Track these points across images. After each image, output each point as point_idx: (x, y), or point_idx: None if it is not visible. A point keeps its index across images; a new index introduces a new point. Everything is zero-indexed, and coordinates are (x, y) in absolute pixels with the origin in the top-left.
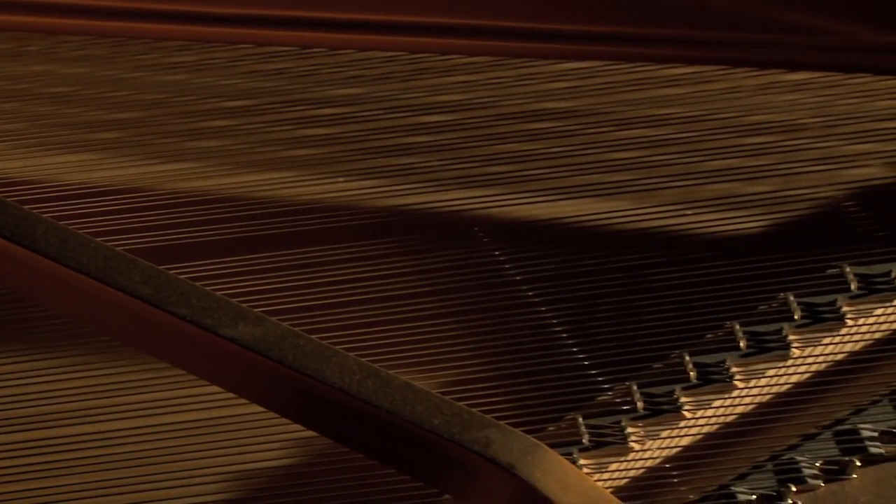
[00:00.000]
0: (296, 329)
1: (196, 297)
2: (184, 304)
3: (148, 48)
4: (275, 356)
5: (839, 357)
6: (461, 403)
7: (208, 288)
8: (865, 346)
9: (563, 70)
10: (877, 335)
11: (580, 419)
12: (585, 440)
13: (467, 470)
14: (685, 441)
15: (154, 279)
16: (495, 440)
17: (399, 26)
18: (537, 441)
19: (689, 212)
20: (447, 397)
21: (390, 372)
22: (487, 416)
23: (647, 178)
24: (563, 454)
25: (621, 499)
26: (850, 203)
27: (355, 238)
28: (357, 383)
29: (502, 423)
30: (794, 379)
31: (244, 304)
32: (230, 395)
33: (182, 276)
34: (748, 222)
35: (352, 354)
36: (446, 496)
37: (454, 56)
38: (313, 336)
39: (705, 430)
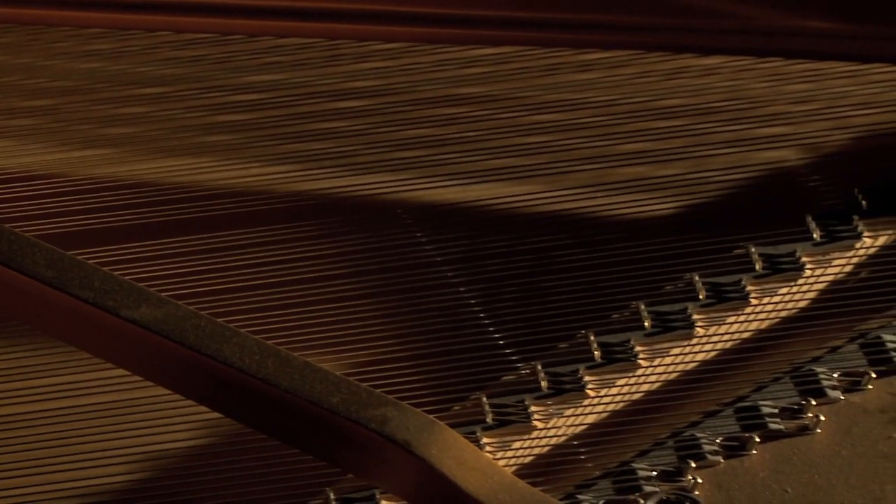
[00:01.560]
0: (200, 312)
1: (99, 280)
2: (87, 286)
3: (64, 36)
4: (176, 337)
5: (743, 336)
6: (370, 384)
7: (122, 273)
8: (769, 325)
9: (478, 56)
10: (782, 314)
11: (484, 398)
12: (489, 419)
13: (366, 448)
14: (589, 419)
15: (57, 262)
16: (392, 418)
17: (315, 13)
18: (434, 418)
19: (600, 194)
20: (355, 378)
21: (294, 353)
22: (387, 395)
23: (560, 162)
24: (466, 433)
25: (526, 476)
26: (758, 185)
27: (269, 222)
28: (256, 363)
29: (400, 401)
30: (699, 357)
31: (157, 289)
32: (136, 377)
33: (95, 261)
34: (657, 204)
35: (259, 337)
36: (350, 475)
37: (370, 42)
38: (227, 320)
39: (610, 408)
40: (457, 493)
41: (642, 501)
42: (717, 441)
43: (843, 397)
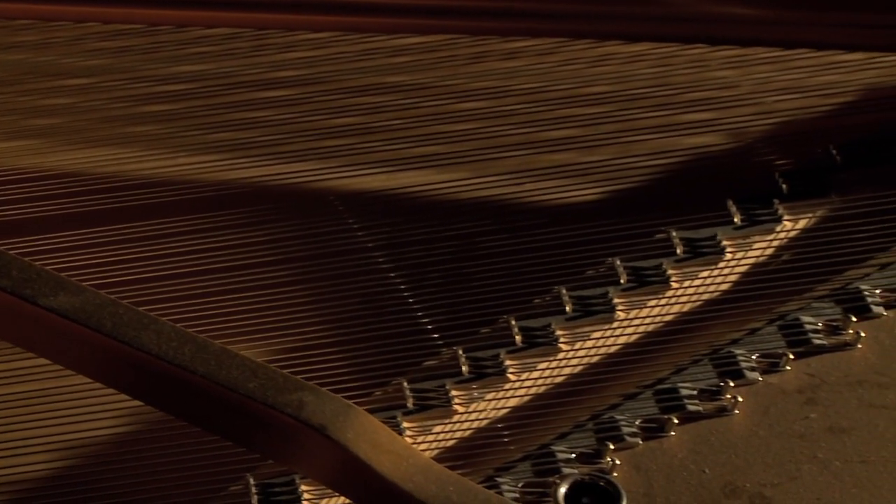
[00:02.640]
0: (125, 300)
1: (17, 269)
2: (4, 275)
3: None
4: (93, 325)
5: (664, 319)
6: (296, 371)
7: (47, 262)
8: (689, 308)
9: (405, 45)
10: (704, 296)
11: (405, 383)
12: (410, 404)
13: (284, 433)
14: (511, 403)
15: None
16: (308, 403)
17: (243, 2)
18: (350, 403)
19: (526, 181)
20: (281, 365)
21: (222, 341)
22: (312, 381)
23: (487, 149)
24: (387, 418)
25: (447, 459)
26: (681, 170)
27: (196, 210)
28: (174, 350)
29: (322, 387)
30: (619, 341)
31: (83, 278)
32: (56, 366)
33: (21, 251)
34: (582, 190)
35: (188, 324)
36: (269, 461)
37: (297, 32)
38: (156, 308)
39: (531, 391)
40: (372, 475)
41: (557, 482)
42: (637, 423)
43: (761, 378)
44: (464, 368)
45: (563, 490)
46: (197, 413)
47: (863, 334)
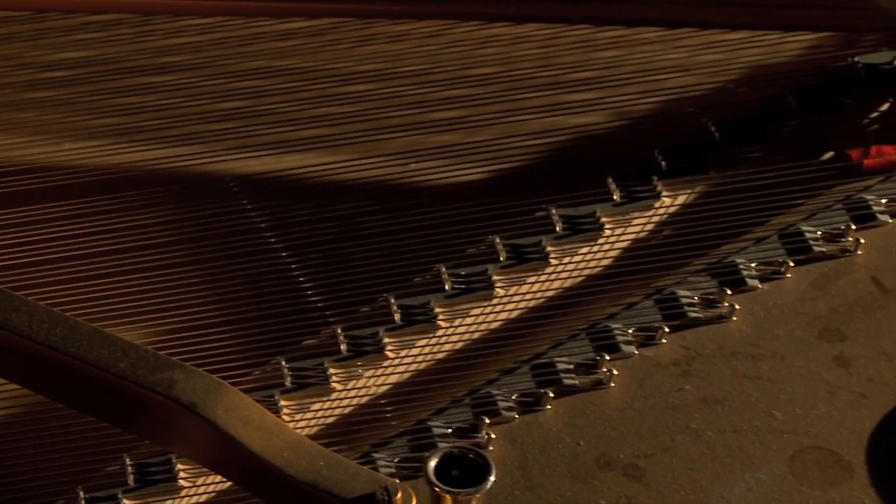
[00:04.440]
0: (9, 286)
1: None
2: None
3: None
4: None
5: (545, 295)
6: (179, 352)
7: None
8: (569, 284)
9: (293, 29)
10: (584, 272)
11: (284, 362)
12: (288, 382)
13: (157, 413)
14: (391, 380)
15: None
16: (178, 381)
17: None
18: (220, 380)
19: (411, 162)
20: (164, 346)
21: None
22: (192, 361)
23: (373, 130)
24: (265, 396)
25: (325, 436)
26: (564, 149)
27: (80, 195)
28: (45, 331)
29: (189, 365)
30: (499, 317)
31: None
32: None
33: None
34: (466, 170)
35: (72, 307)
36: (146, 441)
37: (184, 17)
38: (35, 292)
39: (411, 368)
40: (243, 452)
41: (428, 456)
42: (513, 397)
43: (637, 352)
44: (342, 347)
45: (433, 463)
46: (72, 395)
47: (737, 307)
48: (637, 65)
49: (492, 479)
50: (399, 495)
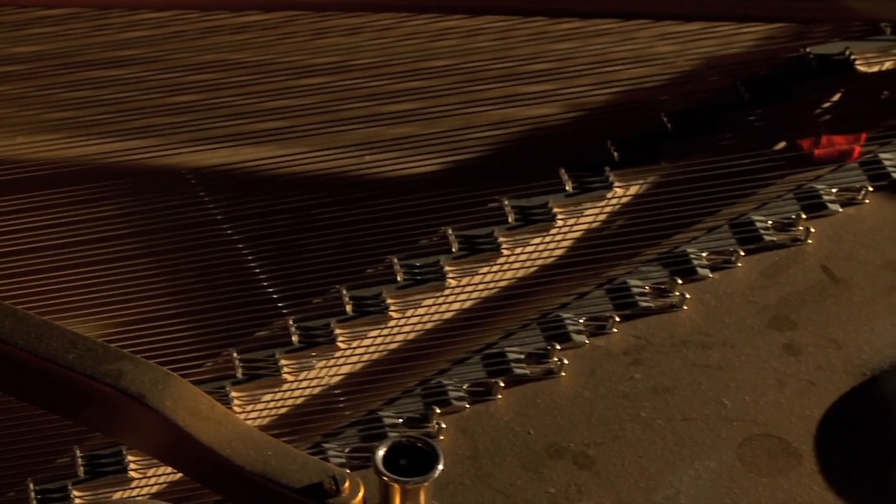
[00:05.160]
0: None
1: None
2: None
3: None
4: None
5: (498, 285)
6: (130, 344)
7: None
8: (521, 275)
9: (249, 22)
10: (537, 263)
11: (235, 353)
12: (239, 374)
13: (106, 404)
14: (343, 370)
15: None
16: (127, 372)
17: None
18: (169, 371)
19: (366, 154)
20: (113, 339)
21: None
22: (142, 353)
23: (329, 123)
24: (216, 388)
25: (276, 427)
26: (518, 141)
27: (32, 188)
28: None
29: (137, 356)
30: (451, 308)
31: None
32: None
33: None
34: (419, 162)
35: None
36: (96, 433)
37: (139, 11)
38: None
39: (364, 359)
40: (192, 443)
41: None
42: (464, 387)
43: (587, 341)
44: (294, 338)
45: (381, 452)
46: (21, 386)
47: (688, 296)
48: (592, 56)
49: (440, 467)
50: (347, 484)
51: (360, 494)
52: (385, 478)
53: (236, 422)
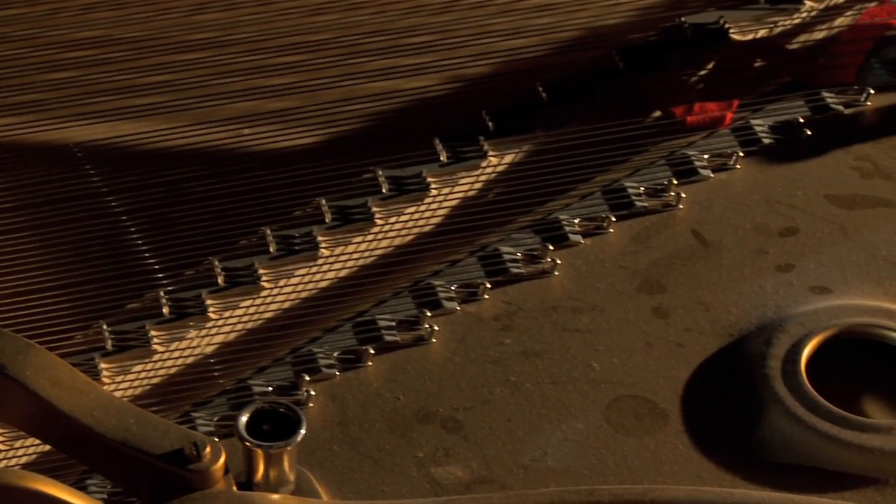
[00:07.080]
0: None
1: None
2: None
3: None
4: None
5: (373, 254)
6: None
7: None
8: (395, 244)
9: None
10: (413, 232)
11: (105, 326)
12: (109, 345)
13: None
14: (216, 340)
15: None
16: None
17: None
18: (30, 342)
19: (245, 127)
20: None
21: None
22: (9, 327)
23: (208, 96)
24: (85, 360)
25: (146, 397)
26: (396, 112)
27: None
28: None
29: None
30: (326, 277)
31: None
32: None
33: None
34: (297, 134)
35: None
36: None
37: None
38: None
39: (237, 328)
40: (54, 412)
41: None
42: (335, 355)
43: (458, 308)
44: (165, 309)
45: (244, 419)
46: None
47: (559, 262)
48: (471, 29)
49: (302, 432)
50: (208, 450)
51: (222, 460)
52: (248, 443)
53: (98, 391)
